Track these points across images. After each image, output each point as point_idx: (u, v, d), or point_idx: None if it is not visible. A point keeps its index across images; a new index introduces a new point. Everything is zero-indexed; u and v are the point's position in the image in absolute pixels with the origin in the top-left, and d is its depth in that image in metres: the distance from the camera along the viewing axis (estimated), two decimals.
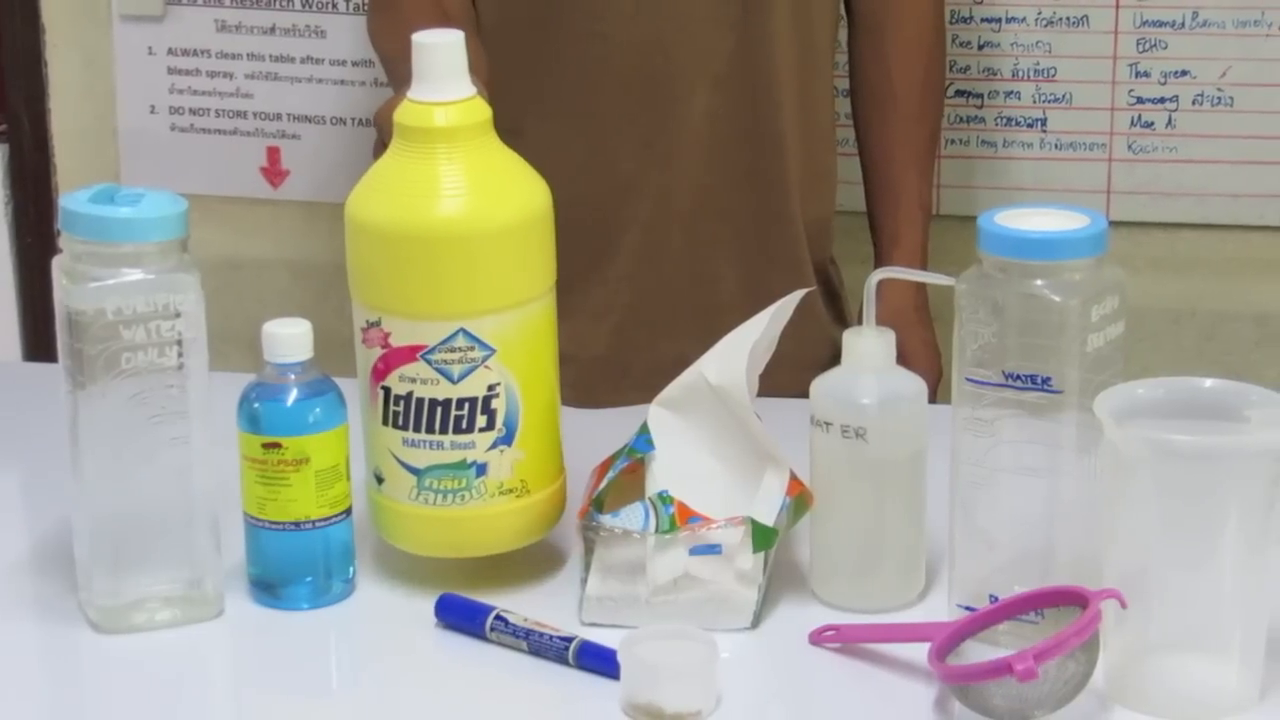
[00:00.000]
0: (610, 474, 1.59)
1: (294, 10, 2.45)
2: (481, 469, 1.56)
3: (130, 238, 1.49)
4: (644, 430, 1.62)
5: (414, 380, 1.54)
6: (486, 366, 1.54)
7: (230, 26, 2.47)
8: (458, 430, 1.55)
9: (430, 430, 1.55)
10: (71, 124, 2.54)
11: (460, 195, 1.53)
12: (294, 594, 1.59)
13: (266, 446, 1.55)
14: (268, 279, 2.54)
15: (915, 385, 1.57)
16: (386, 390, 1.55)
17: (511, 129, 1.64)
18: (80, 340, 1.49)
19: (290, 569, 1.59)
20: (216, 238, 2.47)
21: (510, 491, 1.57)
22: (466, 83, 1.54)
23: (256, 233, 2.54)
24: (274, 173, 2.51)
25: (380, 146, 1.70)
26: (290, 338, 1.56)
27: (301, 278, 2.52)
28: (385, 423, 1.56)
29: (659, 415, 1.62)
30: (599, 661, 1.48)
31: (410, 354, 1.54)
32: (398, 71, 1.88)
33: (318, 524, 1.57)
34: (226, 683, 1.58)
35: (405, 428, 1.56)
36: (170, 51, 2.50)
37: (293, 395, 1.56)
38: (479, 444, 1.55)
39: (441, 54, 1.53)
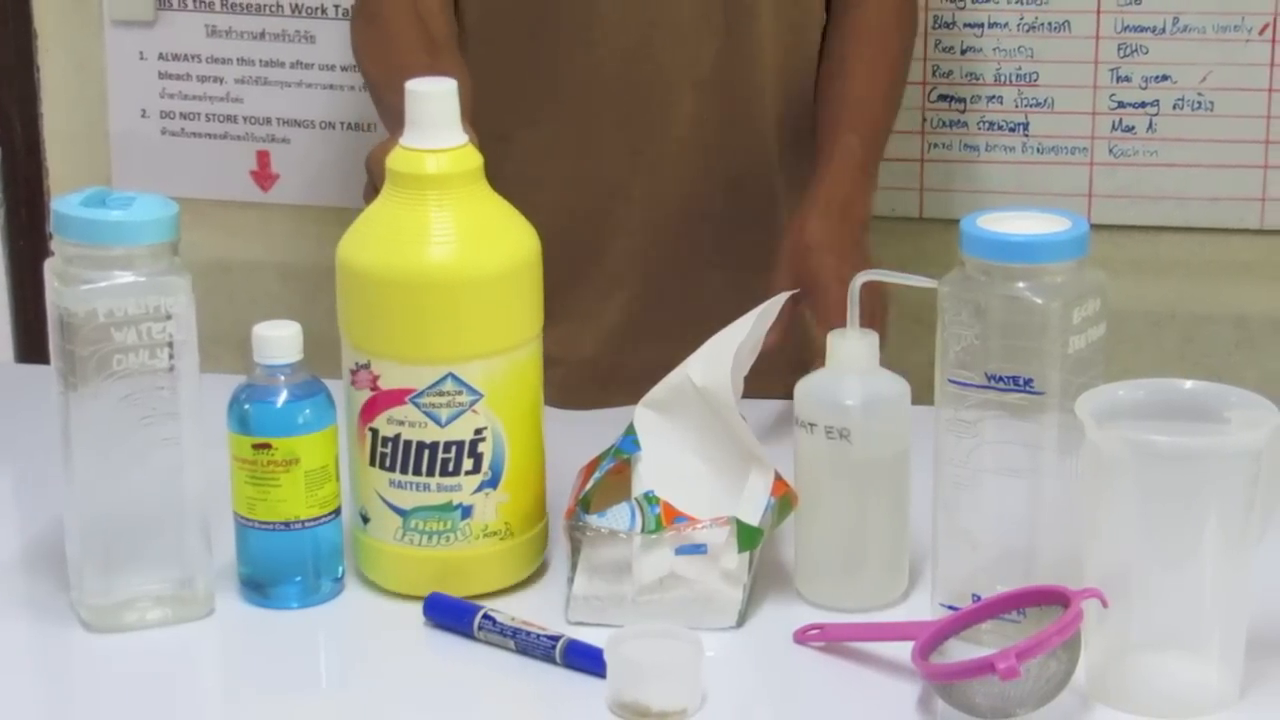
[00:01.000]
0: (597, 474, 1.60)
1: (283, 16, 2.46)
2: (467, 511, 1.57)
3: (121, 241, 1.50)
4: (630, 431, 1.62)
5: (402, 423, 1.55)
6: (474, 411, 1.55)
7: (220, 31, 2.47)
8: (444, 473, 1.56)
9: (417, 472, 1.56)
10: (63, 128, 2.54)
11: (450, 242, 1.53)
12: (283, 593, 1.60)
13: (256, 447, 1.56)
14: (258, 281, 2.54)
15: (899, 387, 1.57)
16: (374, 432, 1.56)
17: (500, 136, 1.64)
18: (72, 342, 1.50)
19: (280, 568, 1.59)
20: (207, 241, 2.47)
21: (494, 534, 1.58)
22: (459, 130, 1.55)
23: (247, 236, 2.54)
24: (264, 176, 2.52)
25: (371, 190, 1.71)
26: (280, 340, 1.56)
27: (291, 280, 2.52)
28: (372, 463, 1.57)
29: (645, 416, 1.63)
30: (586, 660, 1.49)
31: (399, 397, 1.54)
32: (383, 98, 1.88)
33: (307, 524, 1.58)
34: (217, 681, 1.58)
35: (392, 469, 1.56)
36: (161, 56, 2.50)
37: (282, 397, 1.56)
38: (465, 487, 1.56)
39: (434, 103, 1.54)
